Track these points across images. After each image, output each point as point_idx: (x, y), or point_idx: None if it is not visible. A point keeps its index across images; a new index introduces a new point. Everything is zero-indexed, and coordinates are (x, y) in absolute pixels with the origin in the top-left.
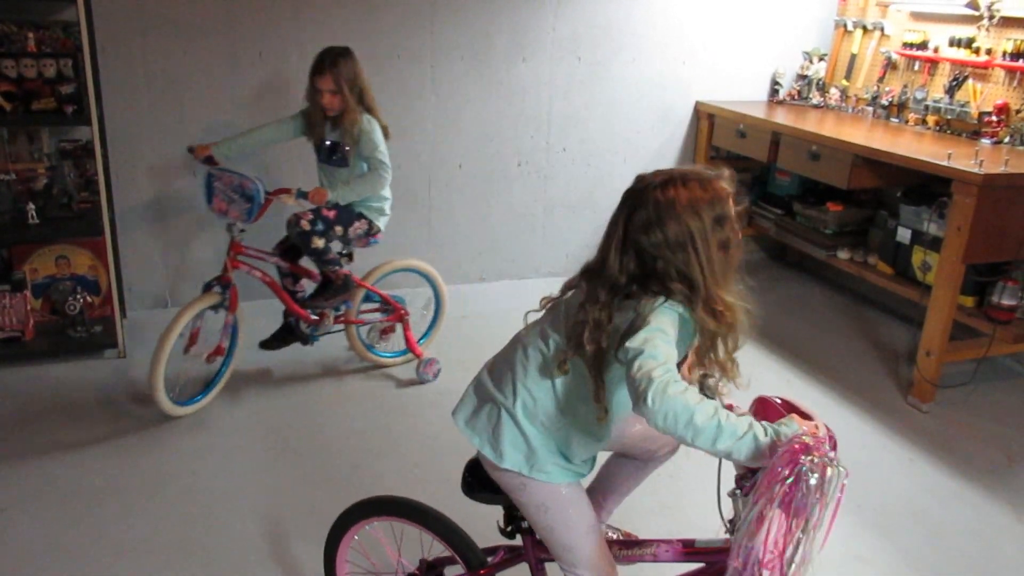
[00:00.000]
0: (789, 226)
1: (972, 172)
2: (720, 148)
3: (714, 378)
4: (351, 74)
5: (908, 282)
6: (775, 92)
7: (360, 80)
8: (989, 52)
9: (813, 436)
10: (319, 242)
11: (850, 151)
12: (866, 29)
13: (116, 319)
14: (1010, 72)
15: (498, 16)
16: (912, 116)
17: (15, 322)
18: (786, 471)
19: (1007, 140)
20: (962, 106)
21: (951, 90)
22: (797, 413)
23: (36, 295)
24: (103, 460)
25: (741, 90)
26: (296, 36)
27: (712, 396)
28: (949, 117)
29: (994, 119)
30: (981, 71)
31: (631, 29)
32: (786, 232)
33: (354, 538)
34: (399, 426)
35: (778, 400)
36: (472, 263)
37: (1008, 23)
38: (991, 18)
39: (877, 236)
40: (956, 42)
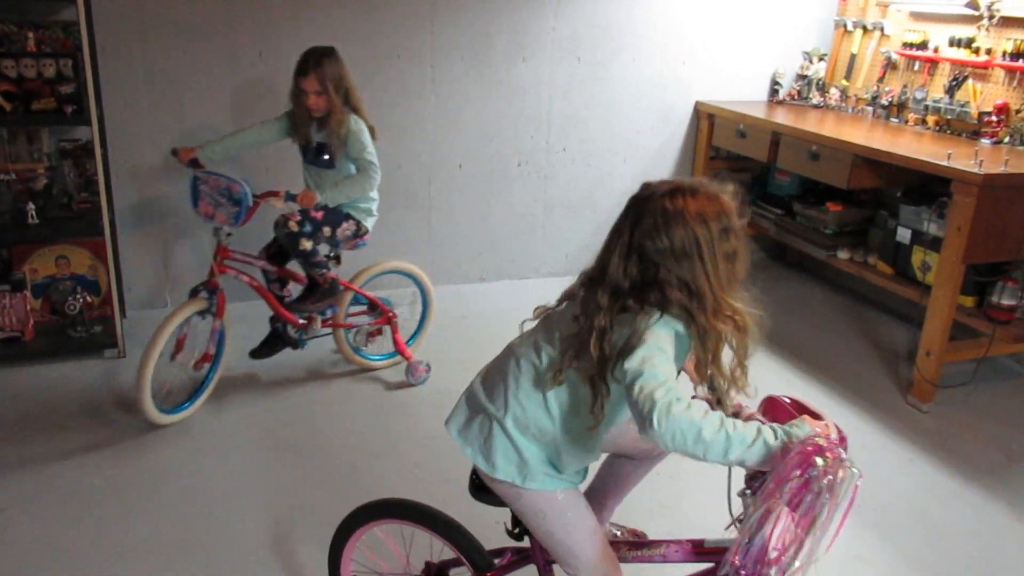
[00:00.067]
0: (789, 226)
1: (972, 172)
2: (720, 148)
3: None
4: (336, 74)
5: (908, 282)
6: (775, 92)
7: (345, 80)
8: (989, 52)
9: (826, 437)
10: (307, 244)
11: (850, 151)
12: (866, 29)
13: (116, 319)
14: (1010, 72)
15: (498, 16)
16: (912, 116)
17: (15, 322)
18: (798, 472)
19: (1007, 140)
20: (962, 106)
21: (951, 90)
22: (807, 413)
23: (36, 295)
24: (103, 460)
25: (741, 90)
26: (296, 36)
27: (722, 395)
28: (949, 117)
29: (994, 119)
30: (981, 71)
31: (631, 29)
32: (786, 232)
33: (359, 540)
34: (398, 427)
35: (787, 399)
36: (472, 263)
37: (1008, 23)
38: (991, 18)
39: (877, 236)
40: (956, 42)
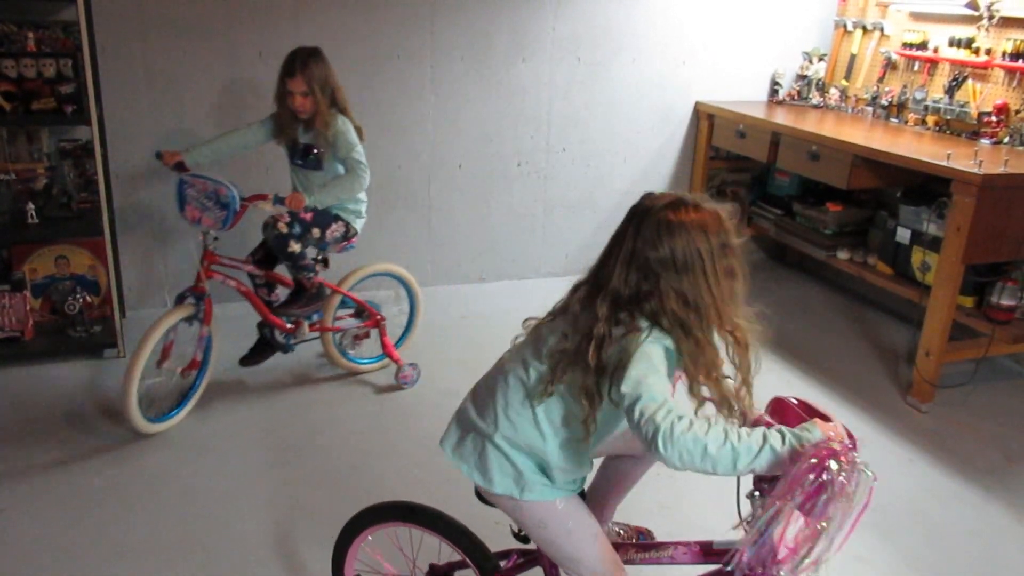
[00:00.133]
0: (789, 226)
1: (972, 172)
2: (720, 148)
3: (729, 378)
4: (322, 75)
5: (908, 282)
6: (775, 92)
7: (332, 81)
8: (989, 52)
9: (839, 441)
10: (295, 246)
11: (850, 151)
12: (866, 29)
13: (116, 319)
14: (1010, 72)
15: (498, 16)
16: (912, 116)
17: (15, 322)
18: (812, 476)
19: (1006, 140)
20: (962, 106)
21: (951, 90)
22: (815, 414)
23: (36, 295)
24: (103, 460)
25: (741, 90)
26: (296, 36)
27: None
28: (949, 117)
29: (993, 119)
30: (981, 71)
31: (631, 29)
32: (786, 232)
33: (364, 541)
34: (398, 427)
35: (794, 400)
36: (472, 263)
37: (1008, 23)
38: (991, 18)
39: (877, 236)
40: (956, 42)
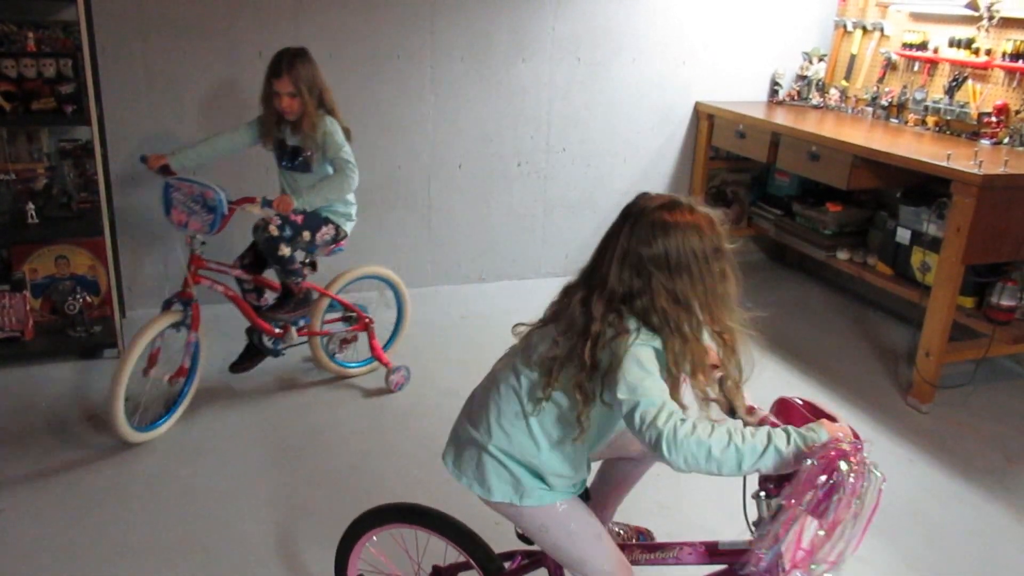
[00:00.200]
0: (788, 227)
1: (971, 173)
2: (720, 148)
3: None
4: (309, 76)
5: (907, 283)
6: (775, 92)
7: (319, 81)
8: (989, 53)
9: (849, 442)
10: (285, 250)
11: (850, 152)
12: (866, 30)
13: (115, 319)
14: (1010, 73)
15: (498, 16)
16: (912, 117)
17: (15, 322)
18: (824, 477)
19: (1006, 141)
20: (962, 107)
21: (951, 91)
22: (821, 415)
23: (36, 295)
24: (103, 460)
25: (741, 90)
26: (296, 36)
27: (732, 398)
28: (949, 118)
29: (993, 120)
30: (981, 72)
31: (631, 29)
32: (785, 233)
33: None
34: (398, 428)
35: (799, 401)
36: (472, 263)
37: (1008, 24)
38: (991, 19)
39: (876, 237)
40: (956, 43)
